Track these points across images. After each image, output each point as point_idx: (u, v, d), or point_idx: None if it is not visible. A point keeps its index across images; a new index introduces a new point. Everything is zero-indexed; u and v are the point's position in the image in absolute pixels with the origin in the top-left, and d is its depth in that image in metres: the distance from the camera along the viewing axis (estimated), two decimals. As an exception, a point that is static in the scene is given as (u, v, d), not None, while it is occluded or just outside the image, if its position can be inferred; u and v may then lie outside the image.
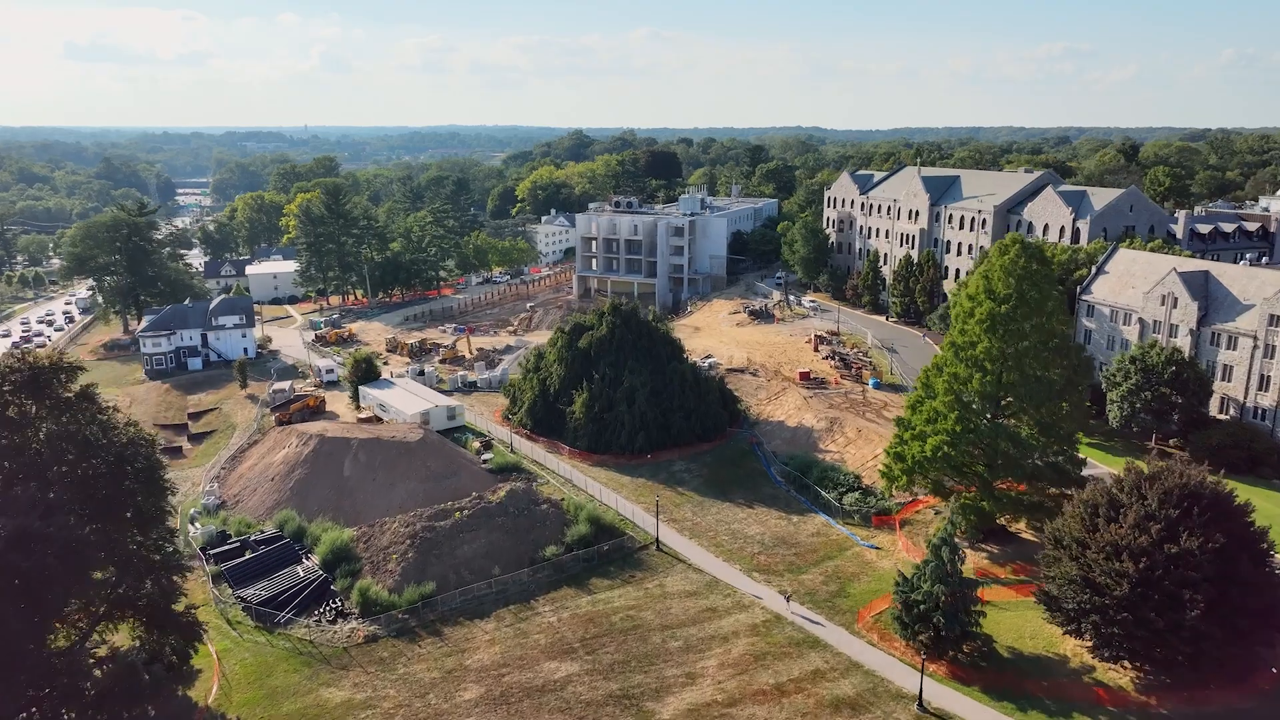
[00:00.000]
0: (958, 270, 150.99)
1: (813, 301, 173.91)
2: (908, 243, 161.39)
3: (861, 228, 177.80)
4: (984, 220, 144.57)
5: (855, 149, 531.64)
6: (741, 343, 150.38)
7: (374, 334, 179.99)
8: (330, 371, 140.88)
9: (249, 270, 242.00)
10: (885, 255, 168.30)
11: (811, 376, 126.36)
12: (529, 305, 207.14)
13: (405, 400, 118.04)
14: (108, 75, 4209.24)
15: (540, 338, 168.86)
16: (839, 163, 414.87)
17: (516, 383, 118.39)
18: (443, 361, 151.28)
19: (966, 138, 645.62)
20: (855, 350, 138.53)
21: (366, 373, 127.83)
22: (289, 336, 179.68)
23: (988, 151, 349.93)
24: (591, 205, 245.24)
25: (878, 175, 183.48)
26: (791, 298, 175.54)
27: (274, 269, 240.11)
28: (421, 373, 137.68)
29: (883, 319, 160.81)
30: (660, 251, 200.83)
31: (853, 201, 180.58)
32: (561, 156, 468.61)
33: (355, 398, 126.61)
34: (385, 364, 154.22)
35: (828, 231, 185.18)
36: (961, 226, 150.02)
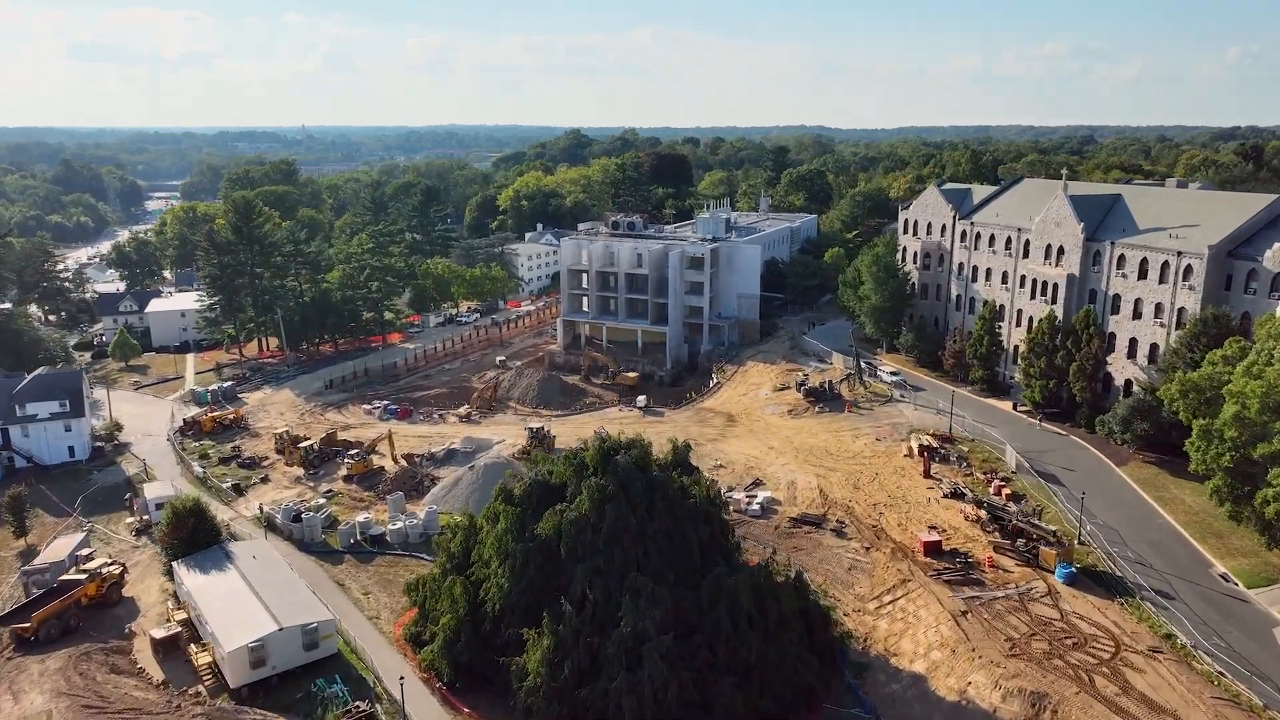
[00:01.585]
0: (1133, 342, 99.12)
1: (894, 372, 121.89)
2: (1045, 294, 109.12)
3: (960, 266, 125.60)
4: (1187, 267, 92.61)
5: (872, 148, 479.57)
6: (803, 452, 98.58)
7: (275, 413, 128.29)
8: (162, 506, 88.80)
9: (151, 307, 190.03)
10: (1004, 309, 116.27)
11: (944, 547, 74.22)
12: (499, 359, 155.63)
13: (232, 605, 66.21)
14: (111, 75, 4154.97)
15: (506, 428, 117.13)
16: (863, 164, 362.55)
17: (430, 583, 65.33)
18: (348, 478, 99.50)
19: (985, 137, 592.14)
20: (998, 482, 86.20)
21: (193, 533, 76.42)
22: (159, 416, 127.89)
23: (1005, 151, 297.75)
24: (582, 225, 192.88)
25: (980, 190, 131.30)
26: (865, 364, 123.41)
27: (182, 304, 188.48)
28: (298, 517, 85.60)
29: (1007, 407, 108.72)
30: (672, 289, 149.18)
31: (944, 228, 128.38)
32: (556, 158, 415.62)
33: (173, 578, 75.44)
34: (266, 480, 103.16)
35: (907, 269, 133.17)
36: (1142, 275, 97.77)
